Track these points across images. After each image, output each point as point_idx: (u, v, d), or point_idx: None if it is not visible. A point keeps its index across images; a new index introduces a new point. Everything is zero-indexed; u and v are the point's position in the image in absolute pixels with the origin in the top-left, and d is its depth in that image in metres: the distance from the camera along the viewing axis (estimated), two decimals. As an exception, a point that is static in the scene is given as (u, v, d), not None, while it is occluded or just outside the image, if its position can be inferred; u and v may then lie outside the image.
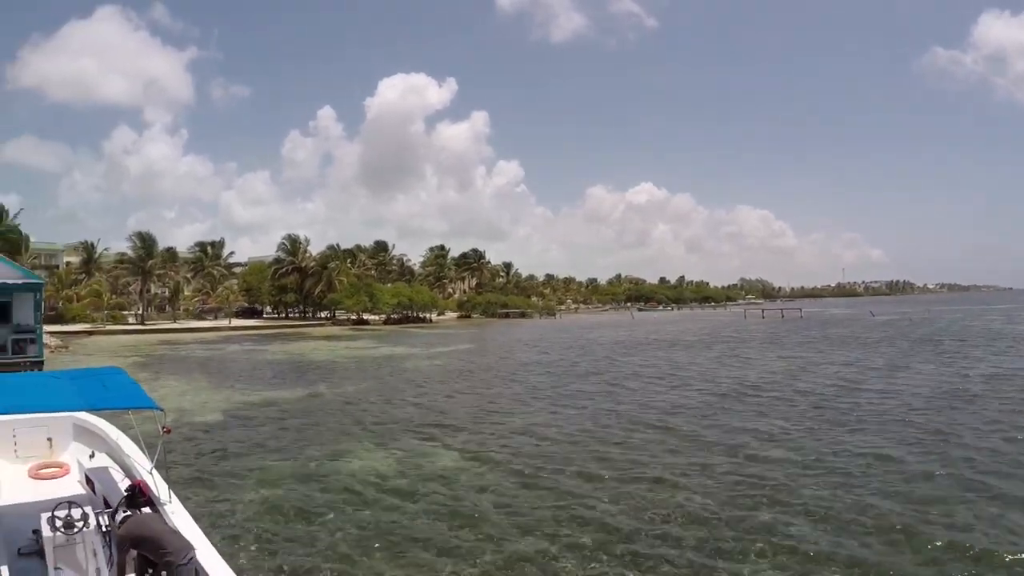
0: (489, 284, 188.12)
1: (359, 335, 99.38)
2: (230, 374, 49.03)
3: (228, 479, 19.53)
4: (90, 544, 8.77)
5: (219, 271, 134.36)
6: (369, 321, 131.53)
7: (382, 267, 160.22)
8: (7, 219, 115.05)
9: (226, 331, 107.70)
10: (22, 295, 32.11)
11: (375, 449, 23.45)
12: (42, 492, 11.36)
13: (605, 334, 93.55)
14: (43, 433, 13.56)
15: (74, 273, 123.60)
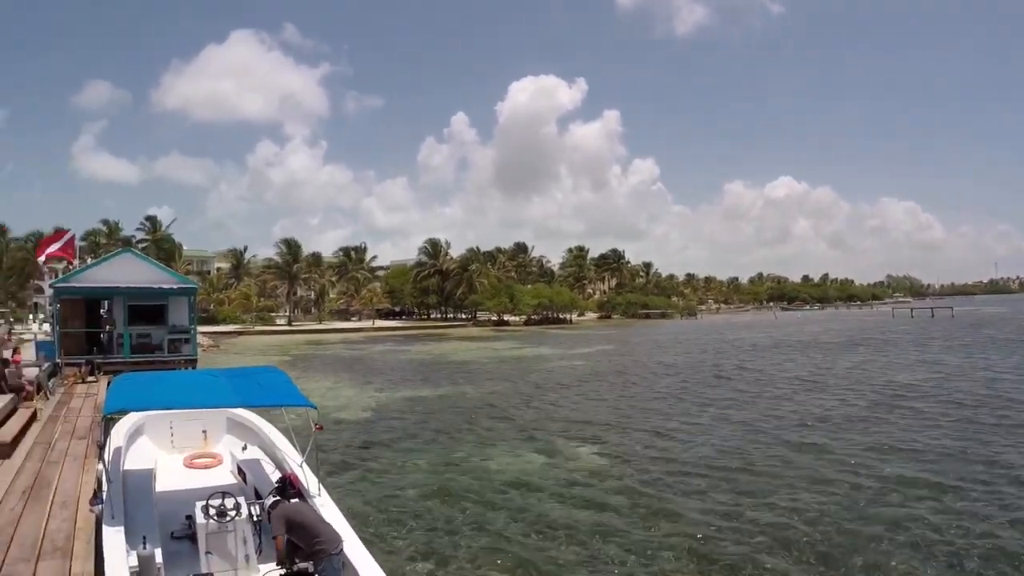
0: (629, 284, 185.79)
1: (500, 336, 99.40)
2: (374, 373, 48.73)
3: (373, 475, 19.81)
4: (241, 532, 9.21)
5: (362, 274, 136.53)
6: (509, 322, 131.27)
7: (522, 268, 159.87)
8: (161, 229, 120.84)
9: (370, 332, 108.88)
10: (177, 299, 33.63)
11: (518, 449, 22.85)
12: (196, 481, 12.17)
13: (747, 335, 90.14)
14: (198, 426, 14.54)
15: (224, 278, 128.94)
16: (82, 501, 10.98)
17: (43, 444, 15.97)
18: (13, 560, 8.75)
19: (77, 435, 16.96)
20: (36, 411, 19.74)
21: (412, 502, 16.79)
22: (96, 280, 32.92)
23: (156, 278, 34.00)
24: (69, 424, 18.54)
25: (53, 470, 13.47)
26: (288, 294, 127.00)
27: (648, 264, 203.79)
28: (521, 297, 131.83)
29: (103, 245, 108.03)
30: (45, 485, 12.33)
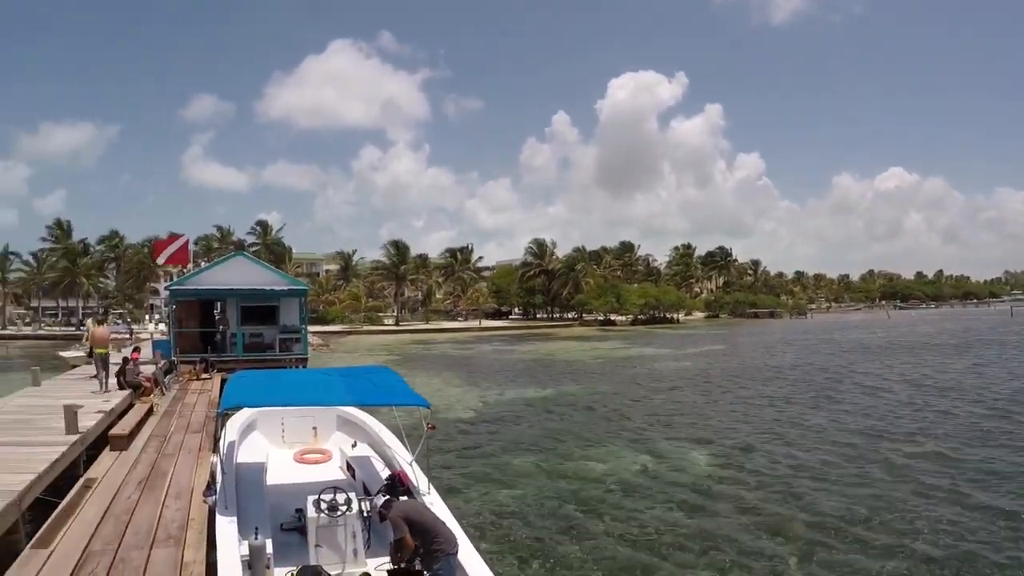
0: (737, 283, 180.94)
1: (607, 336, 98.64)
2: (481, 373, 48.65)
3: (481, 475, 19.54)
4: (350, 527, 9.23)
5: (468, 275, 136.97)
6: (616, 322, 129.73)
7: (628, 267, 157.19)
8: (272, 233, 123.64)
9: (476, 331, 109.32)
10: (288, 300, 34.68)
11: (624, 450, 22.40)
12: (306, 476, 12.38)
13: (859, 336, 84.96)
14: (309, 423, 14.88)
15: (333, 279, 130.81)
16: (196, 492, 11.35)
17: (159, 437, 16.53)
18: (128, 546, 9.09)
19: (192, 429, 17.51)
20: (153, 406, 20.45)
21: (518, 503, 16.60)
22: (210, 282, 33.91)
23: (268, 280, 34.86)
24: (184, 419, 19.14)
25: (168, 462, 13.97)
26: (395, 295, 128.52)
27: (756, 262, 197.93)
28: (627, 297, 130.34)
29: (216, 249, 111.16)
30: (160, 476, 12.79)
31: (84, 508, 10.77)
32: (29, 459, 12.44)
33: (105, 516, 10.37)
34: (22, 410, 18.69)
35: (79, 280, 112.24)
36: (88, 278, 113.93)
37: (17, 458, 12.62)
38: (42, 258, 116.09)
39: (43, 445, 13.72)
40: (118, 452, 14.85)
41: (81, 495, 11.51)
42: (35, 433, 15.20)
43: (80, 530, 9.73)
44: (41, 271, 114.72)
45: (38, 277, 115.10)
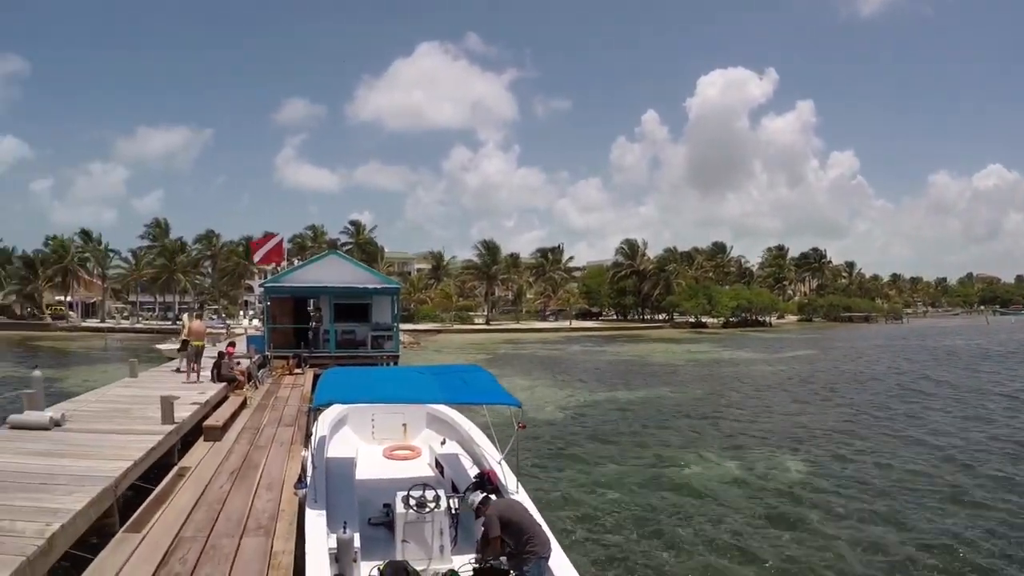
0: (831, 285, 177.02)
1: (698, 338, 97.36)
2: (572, 373, 48.29)
3: (569, 476, 19.26)
4: (438, 524, 9.32)
5: (559, 275, 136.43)
6: (707, 324, 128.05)
7: (720, 269, 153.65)
8: (364, 233, 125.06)
9: (567, 332, 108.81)
10: (380, 298, 35.37)
11: (715, 455, 21.91)
12: (394, 471, 12.81)
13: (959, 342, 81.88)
14: (399, 419, 15.23)
15: (424, 278, 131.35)
16: (287, 484, 11.50)
17: (252, 430, 16.85)
18: (219, 534, 9.32)
19: (284, 423, 17.80)
20: (246, 399, 20.84)
21: (605, 506, 16.32)
22: (304, 280, 34.52)
23: (361, 278, 35.41)
24: (276, 412, 19.48)
25: (260, 454, 14.23)
26: (486, 294, 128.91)
27: (851, 264, 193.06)
28: (719, 299, 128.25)
29: (309, 248, 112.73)
30: (252, 467, 13.04)
31: (177, 495, 11.05)
32: (126, 447, 12.80)
33: (197, 504, 10.61)
34: (120, 400, 19.23)
35: (176, 276, 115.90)
36: (185, 275, 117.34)
37: (114, 445, 12.99)
38: (140, 255, 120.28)
39: (140, 434, 14.10)
40: (211, 443, 15.21)
41: (175, 483, 11.82)
42: (132, 422, 15.60)
43: (172, 516, 9.98)
44: (139, 268, 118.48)
45: (136, 273, 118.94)
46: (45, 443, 13.29)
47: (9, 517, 8.68)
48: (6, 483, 10.36)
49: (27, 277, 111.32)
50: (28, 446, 12.98)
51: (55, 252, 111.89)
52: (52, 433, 14.30)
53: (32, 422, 14.76)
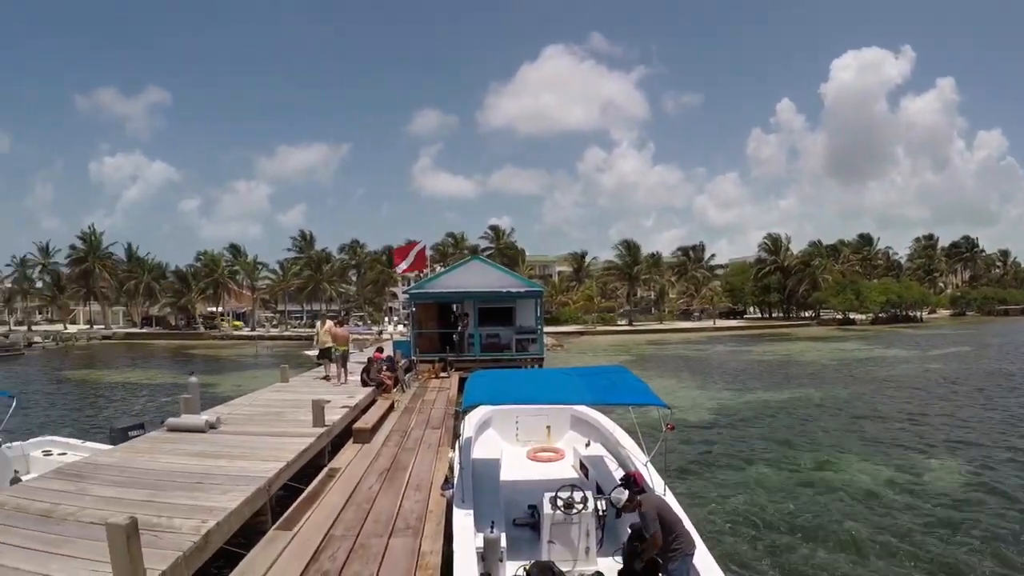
0: (984, 276, 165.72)
1: (846, 336, 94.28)
2: (716, 374, 47.41)
3: (715, 478, 18.89)
4: (585, 525, 9.25)
5: (701, 273, 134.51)
6: (855, 321, 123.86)
7: (866, 262, 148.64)
8: (504, 237, 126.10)
9: (710, 331, 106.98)
10: (524, 301, 35.45)
11: (866, 459, 20.96)
12: (538, 473, 12.67)
13: None
14: (543, 421, 15.13)
15: (566, 280, 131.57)
16: (434, 486, 11.63)
17: (399, 432, 17.12)
18: (367, 533, 9.51)
19: (431, 425, 18.05)
20: (394, 403, 21.15)
21: (751, 509, 15.84)
22: (447, 286, 34.98)
23: (504, 282, 35.61)
24: (423, 415, 19.74)
25: (408, 456, 14.43)
26: (628, 295, 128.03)
27: (1005, 252, 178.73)
28: (867, 294, 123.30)
29: (451, 254, 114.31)
30: (401, 469, 13.24)
31: (327, 495, 11.31)
32: (279, 448, 13.26)
33: (347, 504, 10.84)
34: (272, 404, 19.92)
35: (322, 286, 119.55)
36: (330, 284, 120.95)
37: (267, 447, 13.47)
38: (287, 266, 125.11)
39: (292, 436, 14.59)
40: (360, 445, 15.52)
41: (325, 483, 12.10)
42: (285, 425, 16.14)
43: (323, 515, 10.24)
44: (287, 278, 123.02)
45: (284, 283, 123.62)
46: (201, 445, 13.87)
47: (167, 514, 9.05)
48: (165, 482, 10.86)
49: (180, 290, 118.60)
50: (185, 447, 13.58)
51: (206, 266, 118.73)
52: (208, 435, 14.91)
53: (189, 425, 15.39)
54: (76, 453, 15.67)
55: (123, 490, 10.51)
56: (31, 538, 8.31)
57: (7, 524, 8.90)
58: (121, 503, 9.70)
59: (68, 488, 10.65)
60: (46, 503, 9.79)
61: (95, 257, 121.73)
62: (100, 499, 10.01)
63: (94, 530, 8.35)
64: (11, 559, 7.64)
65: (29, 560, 7.60)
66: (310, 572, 8.20)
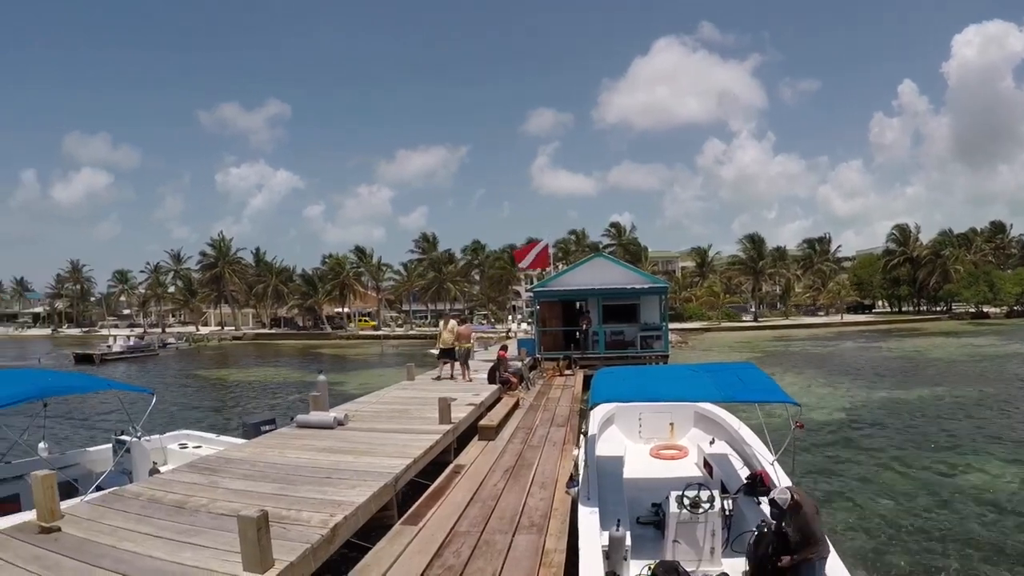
0: None
1: (979, 331, 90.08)
2: (844, 371, 45.67)
3: (845, 479, 18.15)
4: (711, 525, 8.99)
5: (828, 266, 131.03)
6: (988, 314, 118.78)
7: (1000, 251, 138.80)
8: (626, 234, 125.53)
9: (837, 327, 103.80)
10: (648, 298, 35.39)
11: (1005, 463, 19.78)
12: (662, 471, 12.57)
13: None
14: (666, 418, 14.89)
15: (689, 276, 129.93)
16: (559, 483, 11.55)
17: (524, 429, 17.11)
18: (492, 530, 9.49)
19: (556, 423, 18.00)
20: (519, 400, 21.15)
21: (882, 513, 15.24)
22: (571, 283, 35.05)
23: (628, 279, 35.53)
24: (548, 412, 19.72)
25: (533, 453, 14.39)
26: (753, 290, 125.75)
27: None
28: (1002, 285, 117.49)
29: (573, 252, 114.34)
30: (525, 466, 13.20)
31: (452, 492, 11.35)
32: (405, 445, 13.38)
33: (472, 500, 10.85)
34: (398, 401, 20.18)
35: (446, 286, 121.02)
36: (454, 283, 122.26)
37: (394, 444, 13.60)
38: (411, 267, 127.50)
39: (418, 433, 14.70)
40: (486, 442, 15.57)
41: (450, 479, 12.15)
42: (410, 422, 16.29)
43: (448, 511, 10.27)
44: (411, 278, 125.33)
45: (408, 284, 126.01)
46: (330, 441, 14.12)
47: (297, 507, 9.23)
48: (294, 477, 11.10)
49: (307, 292, 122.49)
50: (314, 443, 13.87)
51: (332, 269, 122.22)
52: (336, 432, 15.19)
53: (318, 421, 15.69)
54: (209, 446, 16.26)
55: (253, 483, 10.79)
56: (164, 527, 8.60)
57: (142, 514, 9.26)
58: (251, 496, 9.96)
59: (200, 480, 11.02)
60: (179, 494, 10.15)
61: (225, 262, 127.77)
62: (231, 491, 10.30)
63: (224, 521, 8.62)
64: (145, 547, 7.90)
65: (162, 548, 7.85)
66: (434, 567, 8.22)
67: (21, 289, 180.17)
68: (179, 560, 7.44)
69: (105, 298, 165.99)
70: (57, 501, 8.92)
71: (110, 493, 10.61)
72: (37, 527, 8.56)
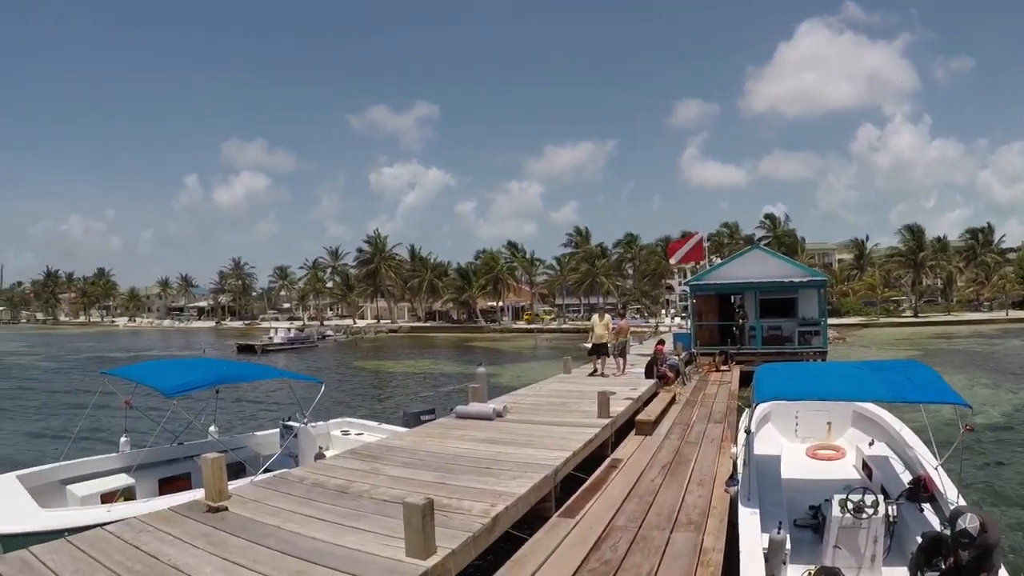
0: None
1: None
2: (1011, 371, 43.08)
3: (1014, 489, 16.89)
4: (873, 531, 8.49)
5: (992, 258, 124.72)
6: None
7: None
8: (781, 225, 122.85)
9: (1003, 323, 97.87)
10: (807, 291, 34.39)
11: None
12: (818, 472, 12.29)
13: None
14: (823, 418, 14.45)
15: (846, 269, 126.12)
16: (717, 481, 11.39)
17: (681, 425, 16.93)
18: (649, 526, 9.35)
19: (713, 419, 17.74)
20: (676, 395, 20.95)
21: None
22: (728, 277, 34.60)
23: (785, 272, 34.82)
24: (705, 409, 19.48)
25: (691, 450, 14.19)
26: (913, 283, 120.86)
27: None
28: None
29: (726, 245, 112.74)
30: (683, 462, 13.01)
31: (610, 486, 11.27)
32: (564, 438, 13.42)
33: (629, 495, 10.74)
34: (555, 394, 20.33)
35: (598, 280, 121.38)
36: (607, 277, 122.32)
37: (553, 436, 13.66)
38: (564, 261, 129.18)
39: (576, 426, 14.75)
40: (643, 437, 15.42)
41: (607, 473, 12.08)
42: (568, 415, 16.34)
43: (605, 505, 10.19)
44: (563, 273, 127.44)
45: (561, 278, 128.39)
46: (489, 432, 14.30)
47: (458, 496, 9.36)
48: (454, 466, 11.30)
49: (462, 286, 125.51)
50: (473, 434, 14.08)
51: (486, 264, 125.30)
52: (495, 423, 15.38)
53: (477, 412, 15.95)
54: (371, 434, 16.85)
55: (414, 471, 11.01)
56: (327, 511, 8.88)
57: (306, 497, 9.60)
58: (412, 483, 10.15)
59: (362, 467, 11.35)
60: (342, 479, 10.47)
61: (381, 258, 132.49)
62: (392, 478, 10.54)
63: (386, 507, 8.86)
64: (308, 529, 8.16)
65: (324, 531, 8.08)
66: (591, 561, 8.15)
67: (186, 285, 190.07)
68: (342, 543, 7.64)
69: (266, 292, 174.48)
70: (225, 482, 9.29)
71: (276, 476, 11.04)
72: (205, 506, 8.96)
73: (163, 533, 8.06)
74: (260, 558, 7.23)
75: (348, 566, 6.97)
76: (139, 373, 13.85)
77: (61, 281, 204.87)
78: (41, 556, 7.22)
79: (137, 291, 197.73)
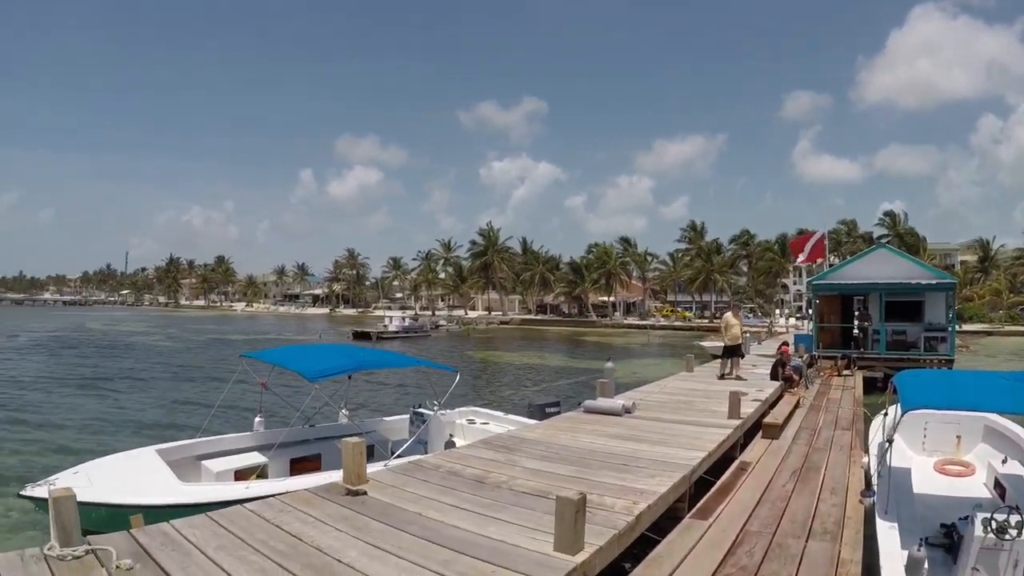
0: None
1: None
2: None
3: None
4: (1014, 554, 7.85)
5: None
6: None
7: None
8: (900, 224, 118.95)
9: None
10: (934, 295, 33.12)
11: None
12: (947, 488, 11.69)
13: None
14: (953, 431, 13.99)
15: (970, 272, 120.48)
16: (851, 490, 11.24)
17: (808, 430, 16.67)
18: (783, 533, 9.22)
19: (840, 426, 17.42)
20: (800, 399, 20.73)
21: None
22: (851, 276, 33.67)
23: (912, 273, 33.67)
24: (831, 414, 19.13)
25: (820, 456, 13.96)
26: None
27: None
28: None
29: (844, 243, 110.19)
30: (813, 469, 12.81)
31: (740, 489, 11.18)
32: (696, 437, 13.44)
33: (760, 500, 10.63)
34: (679, 392, 20.31)
35: (713, 276, 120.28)
36: (721, 274, 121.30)
37: (685, 435, 13.70)
38: (677, 257, 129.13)
39: (707, 426, 14.75)
40: (769, 440, 15.24)
41: (737, 476, 11.99)
42: (697, 414, 16.32)
43: (736, 509, 10.11)
44: (677, 269, 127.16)
45: (674, 274, 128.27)
46: (620, 428, 14.37)
47: (599, 492, 9.34)
48: (590, 461, 11.38)
49: (574, 280, 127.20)
50: (604, 429, 14.16)
51: (598, 258, 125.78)
52: (624, 419, 15.44)
53: (606, 408, 16.04)
54: (497, 424, 17.16)
55: (550, 464, 11.12)
56: (466, 500, 9.02)
57: (444, 484, 9.77)
58: (549, 477, 10.26)
59: (498, 457, 11.52)
60: (478, 469, 10.64)
61: (494, 250, 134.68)
62: (528, 471, 10.66)
63: (524, 499, 9.02)
64: (450, 517, 8.28)
65: (466, 520, 8.19)
66: (727, 565, 8.06)
67: (302, 273, 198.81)
68: (486, 534, 7.71)
69: (379, 282, 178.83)
70: (364, 466, 9.50)
71: (410, 462, 11.27)
72: (344, 488, 9.18)
73: (303, 514, 8.31)
74: (405, 544, 7.37)
75: (495, 557, 7.03)
76: (281, 357, 14.41)
77: (183, 267, 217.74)
78: (182, 530, 7.50)
79: (254, 278, 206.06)
